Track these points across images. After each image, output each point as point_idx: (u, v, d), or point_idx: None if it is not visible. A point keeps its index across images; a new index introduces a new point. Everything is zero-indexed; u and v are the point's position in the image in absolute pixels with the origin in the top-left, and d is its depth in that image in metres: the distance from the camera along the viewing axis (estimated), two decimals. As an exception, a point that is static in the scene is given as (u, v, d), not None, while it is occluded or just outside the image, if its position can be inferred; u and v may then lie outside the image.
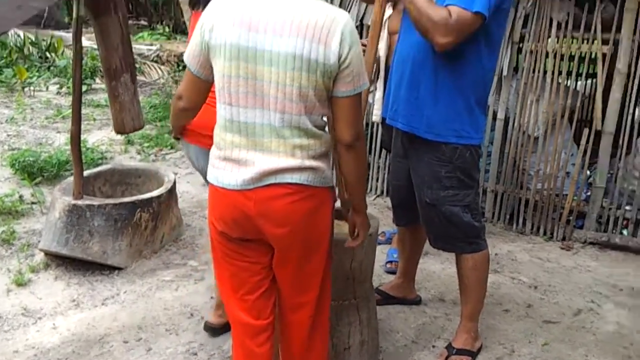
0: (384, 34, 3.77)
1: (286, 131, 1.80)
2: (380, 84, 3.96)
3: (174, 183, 3.82)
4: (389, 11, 3.60)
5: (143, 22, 15.44)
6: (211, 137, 1.96)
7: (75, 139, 3.27)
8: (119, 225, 3.35)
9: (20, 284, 3.29)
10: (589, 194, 4.44)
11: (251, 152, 1.83)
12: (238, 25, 1.74)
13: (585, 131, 4.27)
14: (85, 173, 3.56)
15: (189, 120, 2.19)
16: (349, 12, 4.81)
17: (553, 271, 3.89)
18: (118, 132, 3.38)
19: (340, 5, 4.85)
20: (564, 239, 4.39)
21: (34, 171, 4.60)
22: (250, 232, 1.91)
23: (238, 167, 1.85)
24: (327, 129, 1.93)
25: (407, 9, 2.46)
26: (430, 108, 2.55)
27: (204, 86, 1.93)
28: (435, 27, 2.32)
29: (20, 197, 4.34)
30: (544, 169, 4.43)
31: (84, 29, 3.25)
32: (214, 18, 1.79)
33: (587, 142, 4.28)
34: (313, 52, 1.71)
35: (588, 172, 4.56)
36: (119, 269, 3.47)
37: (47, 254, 3.46)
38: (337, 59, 1.74)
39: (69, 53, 8.16)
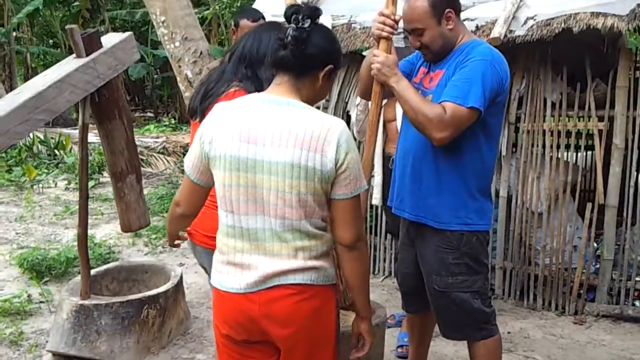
0: (380, 122, 3.89)
1: (287, 235, 1.83)
2: (378, 169, 4.05)
3: (181, 277, 3.83)
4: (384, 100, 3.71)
5: (149, 114, 15.86)
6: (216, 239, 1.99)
7: (82, 242, 3.33)
8: (126, 322, 3.35)
9: (28, 387, 3.27)
10: (598, 266, 4.41)
11: (254, 255, 1.86)
12: (237, 138, 1.81)
13: (589, 205, 4.30)
14: (93, 272, 3.60)
15: (186, 226, 2.22)
16: (347, 103, 4.95)
17: (567, 347, 3.83)
18: (125, 230, 3.44)
19: (338, 97, 4.99)
20: (576, 313, 4.33)
21: (42, 270, 4.64)
22: (255, 334, 1.91)
23: (242, 271, 1.87)
24: (328, 228, 1.94)
25: (403, 108, 2.54)
26: (434, 198, 2.59)
27: (203, 192, 1.99)
28: (431, 124, 2.39)
29: (29, 296, 4.35)
30: (550, 244, 4.43)
31: (90, 125, 3.34)
32: (213, 131, 1.86)
33: (591, 216, 4.31)
34: (310, 161, 1.77)
35: (595, 245, 4.55)
36: (127, 367, 3.43)
37: (55, 354, 3.44)
38: (334, 165, 1.79)
39: (77, 149, 8.37)
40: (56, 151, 9.04)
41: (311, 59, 1.86)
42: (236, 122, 1.83)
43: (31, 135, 9.19)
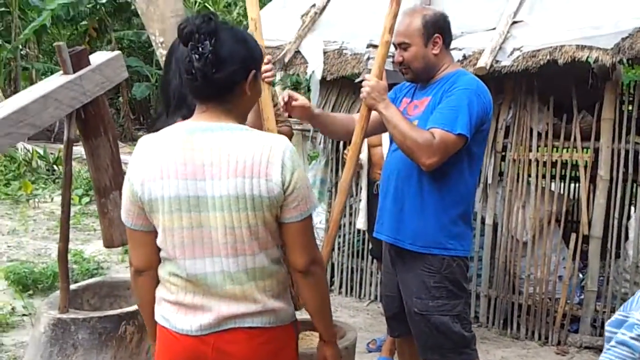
0: (365, 147, 3.95)
1: (242, 275, 1.69)
2: (364, 194, 4.09)
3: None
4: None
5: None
6: None
7: (63, 255, 3.33)
8: (104, 338, 3.34)
9: (5, 400, 3.28)
10: (582, 297, 4.41)
11: (207, 297, 1.70)
12: (174, 176, 1.64)
13: (573, 236, 4.32)
14: (74, 286, 3.60)
15: (150, 290, 1.82)
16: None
17: (548, 378, 3.82)
18: (107, 246, 3.45)
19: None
20: (559, 343, 4.33)
21: (28, 283, 4.67)
22: None
23: (194, 312, 1.71)
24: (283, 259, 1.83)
25: (391, 134, 2.59)
26: (415, 221, 2.63)
27: (149, 239, 1.74)
28: (420, 149, 2.45)
29: (13, 309, 4.38)
30: (534, 273, 4.44)
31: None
32: (143, 171, 1.67)
33: (576, 246, 4.32)
34: (255, 189, 1.63)
35: (580, 275, 4.56)
36: (104, 383, 3.43)
37: (33, 368, 3.45)
38: (281, 188, 1.65)
39: (76, 165, 8.43)
40: (55, 166, 9.12)
41: (229, 80, 1.66)
42: (168, 158, 1.65)
43: (30, 149, 9.27)
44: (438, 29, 2.65)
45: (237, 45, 1.66)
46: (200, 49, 1.60)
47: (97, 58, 3.27)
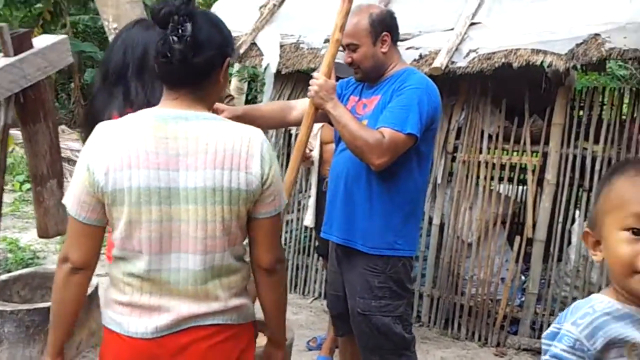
0: (317, 143, 3.89)
1: (207, 273, 1.60)
2: (313, 191, 4.04)
3: (96, 287, 3.67)
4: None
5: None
6: None
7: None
8: (31, 331, 3.22)
9: None
10: (523, 299, 4.46)
11: (165, 297, 1.59)
12: (143, 165, 1.52)
13: (517, 238, 4.36)
14: (5, 276, 3.48)
15: (82, 291, 1.66)
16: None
17: (486, 379, 3.84)
18: (41, 236, 3.32)
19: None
20: (498, 344, 4.36)
21: (-44, 273, 4.46)
22: None
23: (149, 314, 1.59)
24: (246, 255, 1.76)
25: (340, 133, 2.55)
26: (364, 221, 2.60)
27: (97, 233, 1.61)
28: (370, 149, 2.42)
29: (-60, 299, 4.16)
30: (478, 274, 4.46)
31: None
32: (107, 159, 1.53)
33: (520, 249, 4.36)
34: (234, 181, 1.55)
35: (523, 278, 4.61)
36: (32, 377, 3.29)
37: (-45, 362, 3.29)
38: (260, 181, 1.59)
39: (19, 150, 8.15)
40: (-4, 151, 8.79)
41: (208, 64, 1.59)
42: (138, 146, 1.53)
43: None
44: (385, 26, 2.61)
45: (213, 30, 1.60)
46: (180, 30, 1.52)
47: (42, 41, 3.15)
